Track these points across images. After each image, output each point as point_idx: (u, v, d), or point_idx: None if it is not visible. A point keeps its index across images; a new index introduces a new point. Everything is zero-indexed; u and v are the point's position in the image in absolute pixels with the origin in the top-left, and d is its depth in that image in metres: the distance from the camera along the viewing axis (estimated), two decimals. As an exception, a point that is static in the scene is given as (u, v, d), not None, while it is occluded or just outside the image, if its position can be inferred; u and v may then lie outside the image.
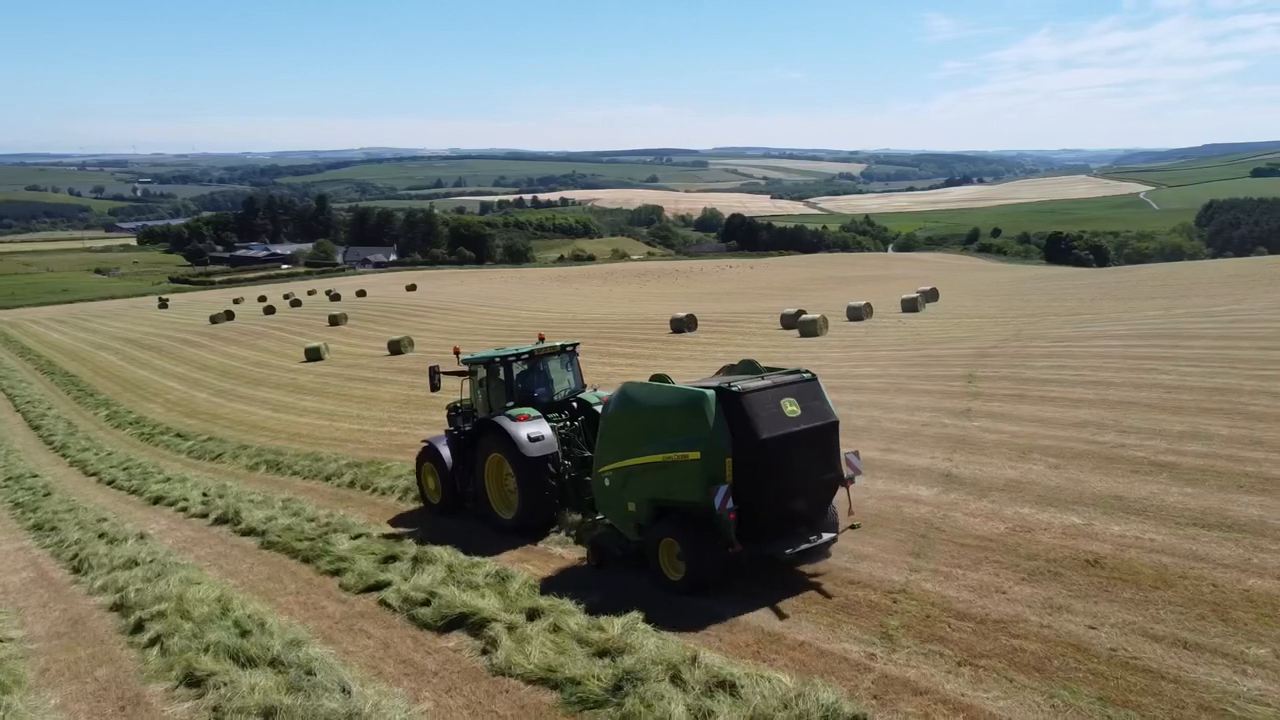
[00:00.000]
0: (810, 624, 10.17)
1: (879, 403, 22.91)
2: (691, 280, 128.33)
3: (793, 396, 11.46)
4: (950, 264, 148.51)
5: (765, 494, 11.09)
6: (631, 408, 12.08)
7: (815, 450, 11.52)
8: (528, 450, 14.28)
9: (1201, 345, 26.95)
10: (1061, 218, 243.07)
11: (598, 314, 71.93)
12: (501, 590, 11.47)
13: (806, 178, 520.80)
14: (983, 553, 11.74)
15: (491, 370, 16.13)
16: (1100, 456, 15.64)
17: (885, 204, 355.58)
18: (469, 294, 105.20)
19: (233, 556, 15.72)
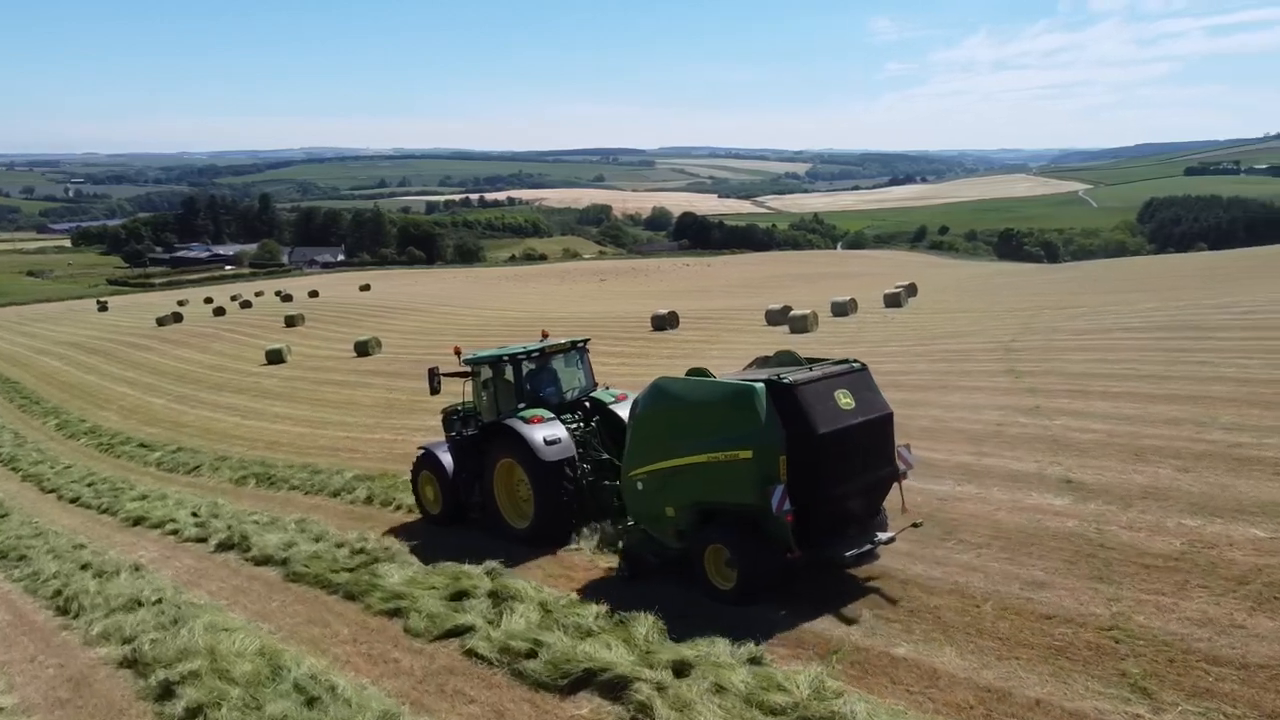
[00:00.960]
0: (1029, 673, 8.31)
1: (931, 400, 21.32)
2: (652, 278, 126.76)
3: (846, 388, 10.73)
4: (904, 260, 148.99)
5: (822, 493, 10.32)
6: (668, 405, 11.13)
7: (871, 444, 10.82)
8: (544, 454, 13.24)
9: (1233, 337, 25.97)
10: (1005, 215, 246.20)
11: (569, 312, 69.86)
12: (626, 637, 9.37)
13: (753, 177, 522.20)
14: (1177, 575, 10.02)
15: (498, 370, 14.98)
16: (1225, 458, 14.14)
17: (832, 203, 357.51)
18: (426, 294, 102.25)
19: (255, 593, 13.33)
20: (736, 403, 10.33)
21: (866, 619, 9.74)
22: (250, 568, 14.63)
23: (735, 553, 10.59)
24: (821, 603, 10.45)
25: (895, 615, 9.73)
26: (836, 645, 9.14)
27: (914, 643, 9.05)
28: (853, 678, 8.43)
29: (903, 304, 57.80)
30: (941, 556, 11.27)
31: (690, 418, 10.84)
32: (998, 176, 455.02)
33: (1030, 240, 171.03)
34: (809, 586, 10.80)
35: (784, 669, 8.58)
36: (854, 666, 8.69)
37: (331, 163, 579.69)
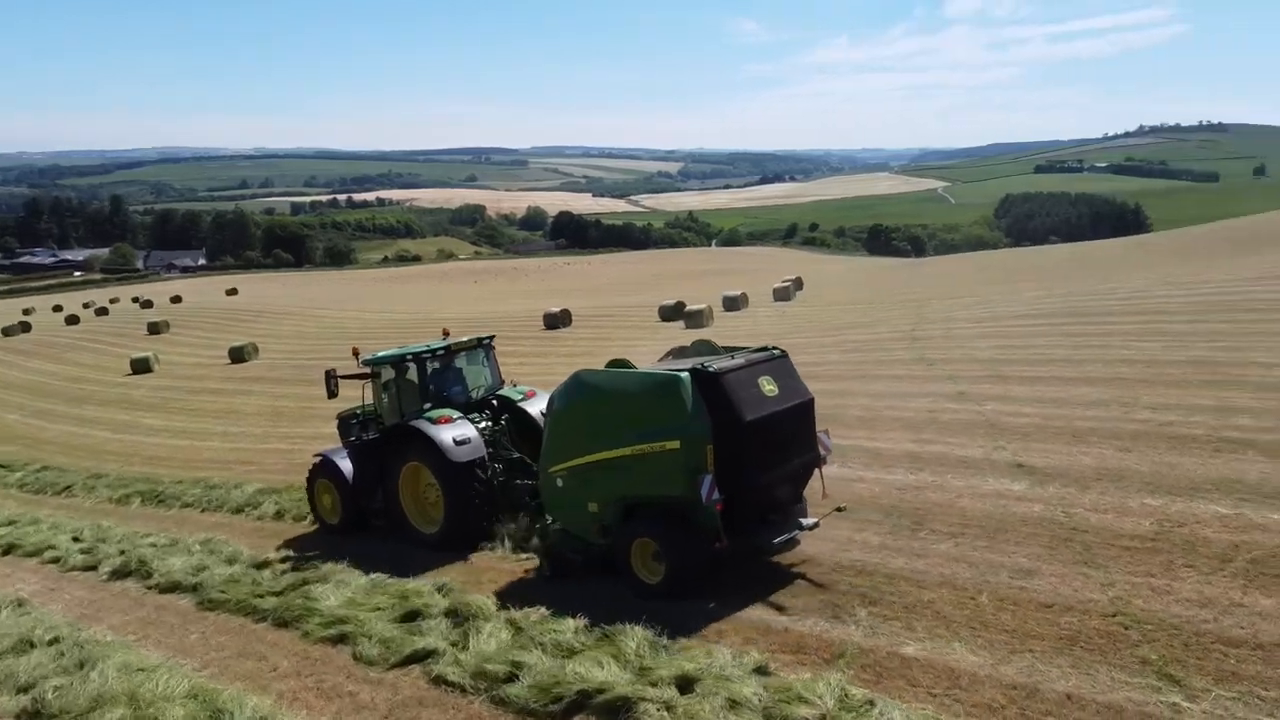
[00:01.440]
0: (1049, 666, 7.91)
1: (856, 390, 21.22)
2: (533, 278, 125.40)
3: (769, 375, 10.67)
4: (780, 256, 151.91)
5: (749, 481, 10.17)
6: (589, 398, 10.89)
7: (795, 431, 10.81)
8: (454, 455, 12.80)
9: (1123, 321, 26.97)
10: (870, 212, 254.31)
11: (455, 313, 68.00)
12: (615, 653, 8.51)
13: (626, 176, 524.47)
14: (1160, 556, 9.89)
15: (400, 370, 14.45)
16: (1161, 436, 14.35)
17: (705, 201, 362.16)
18: (299, 297, 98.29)
19: (167, 625, 11.79)
20: (662, 393, 10.12)
21: (861, 616, 9.23)
22: (155, 596, 13.06)
23: (663, 545, 10.34)
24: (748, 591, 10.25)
25: (892, 612, 9.24)
26: (840, 649, 8.58)
27: (920, 641, 8.58)
28: (867, 682, 7.87)
29: (792, 297, 58.57)
30: (919, 548, 10.91)
31: (613, 410, 10.59)
32: (862, 175, 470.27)
33: (898, 236, 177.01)
34: (734, 576, 10.61)
35: (796, 677, 7.95)
36: (865, 670, 8.13)
37: (188, 163, 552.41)
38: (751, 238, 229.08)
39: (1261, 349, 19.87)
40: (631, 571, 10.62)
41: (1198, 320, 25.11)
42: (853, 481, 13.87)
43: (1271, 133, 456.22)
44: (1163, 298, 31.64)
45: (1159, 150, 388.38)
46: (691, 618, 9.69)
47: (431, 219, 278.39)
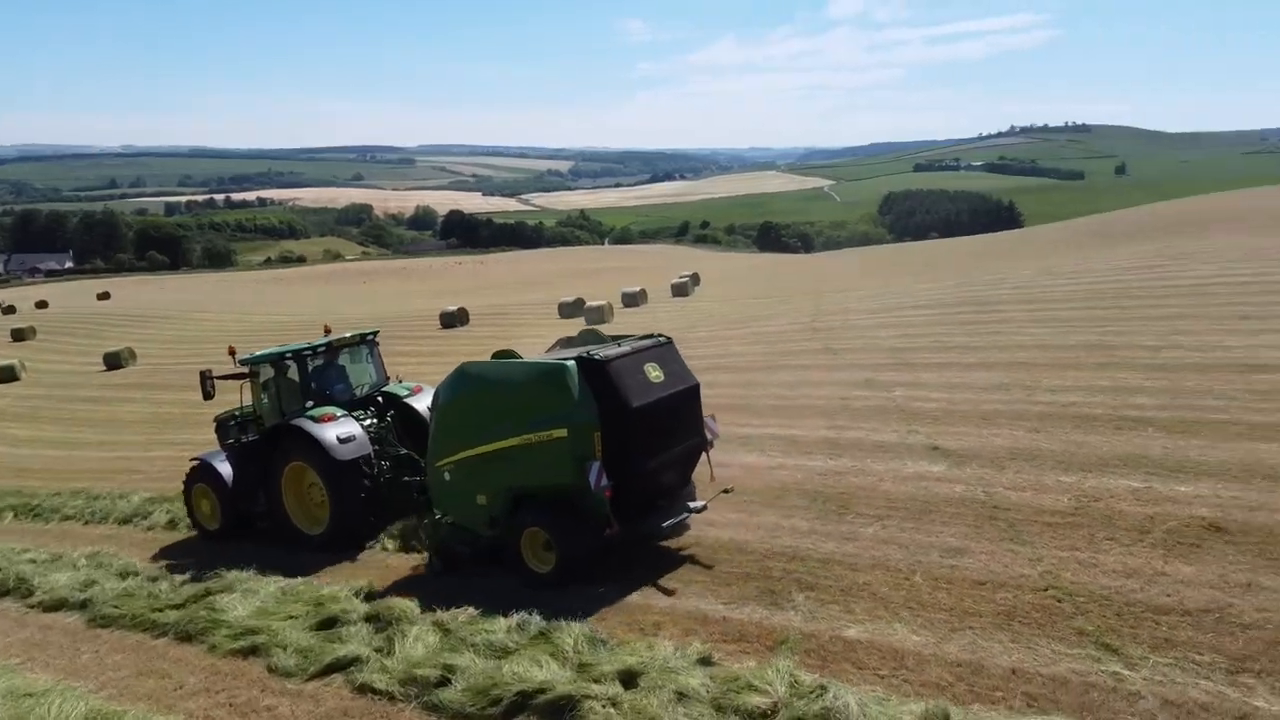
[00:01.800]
0: (990, 642, 7.93)
1: (765, 380, 21.30)
2: (425, 278, 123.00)
3: (654, 362, 10.83)
4: (672, 254, 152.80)
5: (637, 466, 10.31)
6: (475, 390, 10.86)
7: (681, 416, 11.00)
8: (338, 454, 12.63)
9: (1014, 309, 27.85)
10: (759, 210, 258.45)
11: (346, 314, 66.06)
12: (553, 650, 8.17)
13: (516, 175, 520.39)
14: (1081, 530, 10.09)
15: (280, 369, 14.15)
16: (1065, 417, 14.77)
17: (596, 200, 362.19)
18: (178, 300, 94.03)
19: (55, 645, 10.85)
20: (548, 382, 10.19)
21: (799, 601, 9.12)
22: (39, 615, 12.04)
23: (553, 534, 10.37)
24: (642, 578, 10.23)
25: (830, 596, 9.17)
26: (782, 635, 8.44)
27: (861, 623, 8.51)
28: (813, 667, 7.75)
29: (690, 293, 58.93)
30: (848, 531, 10.89)
31: (500, 401, 10.58)
32: (750, 173, 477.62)
33: (788, 232, 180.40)
34: (625, 562, 10.66)
35: (742, 666, 7.77)
36: (810, 655, 8.01)
37: (50, 161, 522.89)
38: (644, 236, 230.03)
39: (1147, 333, 20.71)
40: (522, 562, 10.62)
41: (1083, 307, 26.08)
42: (773, 469, 13.86)
43: (1131, 133, 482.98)
44: (1048, 287, 32.82)
45: (1029, 150, 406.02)
46: (627, 611, 9.45)
47: (316, 219, 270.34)
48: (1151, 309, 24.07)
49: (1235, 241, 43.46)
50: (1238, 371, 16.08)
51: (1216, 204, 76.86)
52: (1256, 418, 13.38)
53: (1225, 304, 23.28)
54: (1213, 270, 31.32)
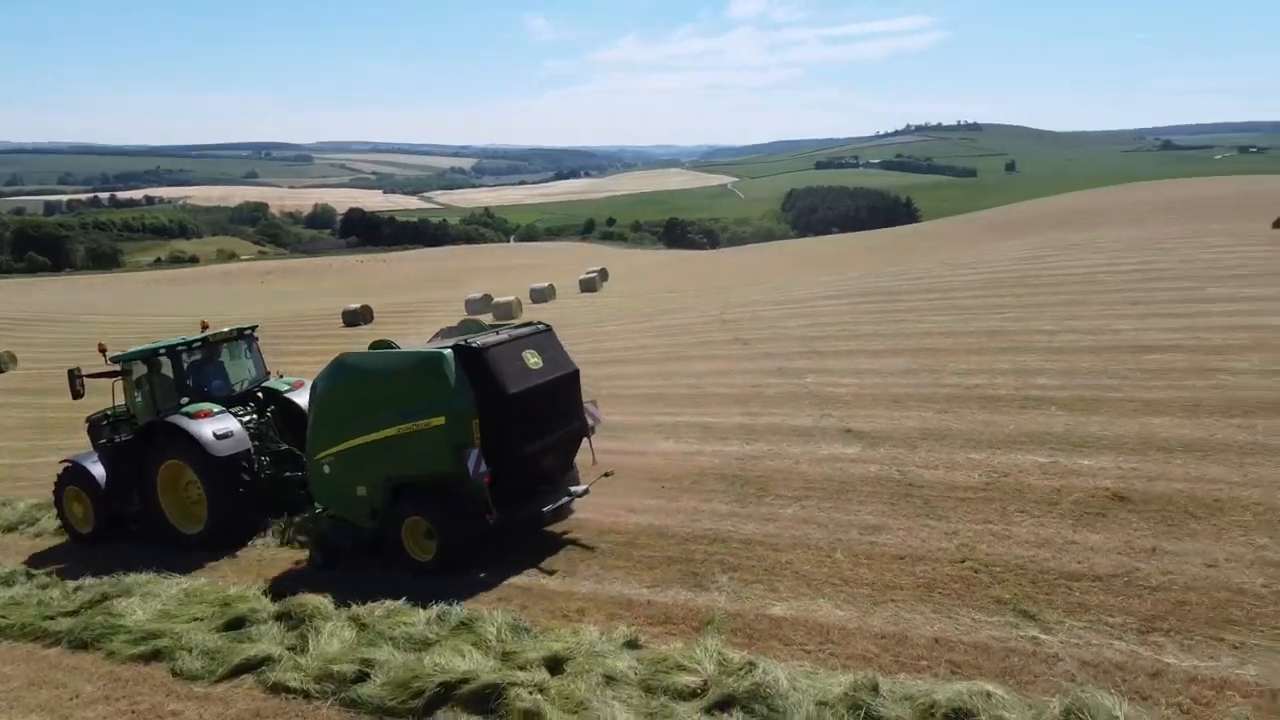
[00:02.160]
0: (912, 613, 8.00)
1: (678, 370, 21.40)
2: (326, 276, 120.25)
3: (532, 349, 10.91)
4: (578, 250, 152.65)
5: (516, 452, 10.37)
6: (352, 380, 10.75)
7: (560, 402, 11.11)
8: (215, 450, 12.41)
9: (917, 298, 28.58)
10: (664, 207, 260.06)
11: (243, 314, 64.02)
12: (475, 640, 7.93)
13: (419, 172, 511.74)
14: (993, 504, 10.33)
15: (153, 366, 13.75)
16: (971, 398, 15.16)
17: (500, 197, 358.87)
18: (61, 303, 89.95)
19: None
20: (425, 371, 10.15)
21: (723, 582, 9.09)
22: None
23: (434, 523, 10.36)
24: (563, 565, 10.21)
25: (754, 576, 9.16)
26: (708, 615, 8.39)
27: (786, 601, 8.53)
28: (740, 645, 7.71)
29: (598, 288, 58.92)
30: (768, 513, 10.93)
31: (377, 391, 10.50)
32: (655, 171, 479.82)
33: (693, 229, 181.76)
34: (543, 549, 10.71)
35: (670, 648, 7.69)
36: (737, 634, 7.97)
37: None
38: (550, 233, 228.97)
39: (1043, 319, 21.42)
40: (404, 551, 10.58)
41: (982, 296, 26.87)
42: (691, 455, 13.87)
43: (1020, 132, 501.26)
44: (948, 277, 33.73)
45: (924, 148, 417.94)
46: (550, 599, 9.29)
47: (209, 218, 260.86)
48: (1047, 296, 24.92)
49: (1119, 233, 45.44)
50: (1129, 352, 16.75)
51: (1100, 198, 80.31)
52: (1148, 395, 13.95)
53: (1115, 291, 24.25)
54: (1101, 260, 32.63)
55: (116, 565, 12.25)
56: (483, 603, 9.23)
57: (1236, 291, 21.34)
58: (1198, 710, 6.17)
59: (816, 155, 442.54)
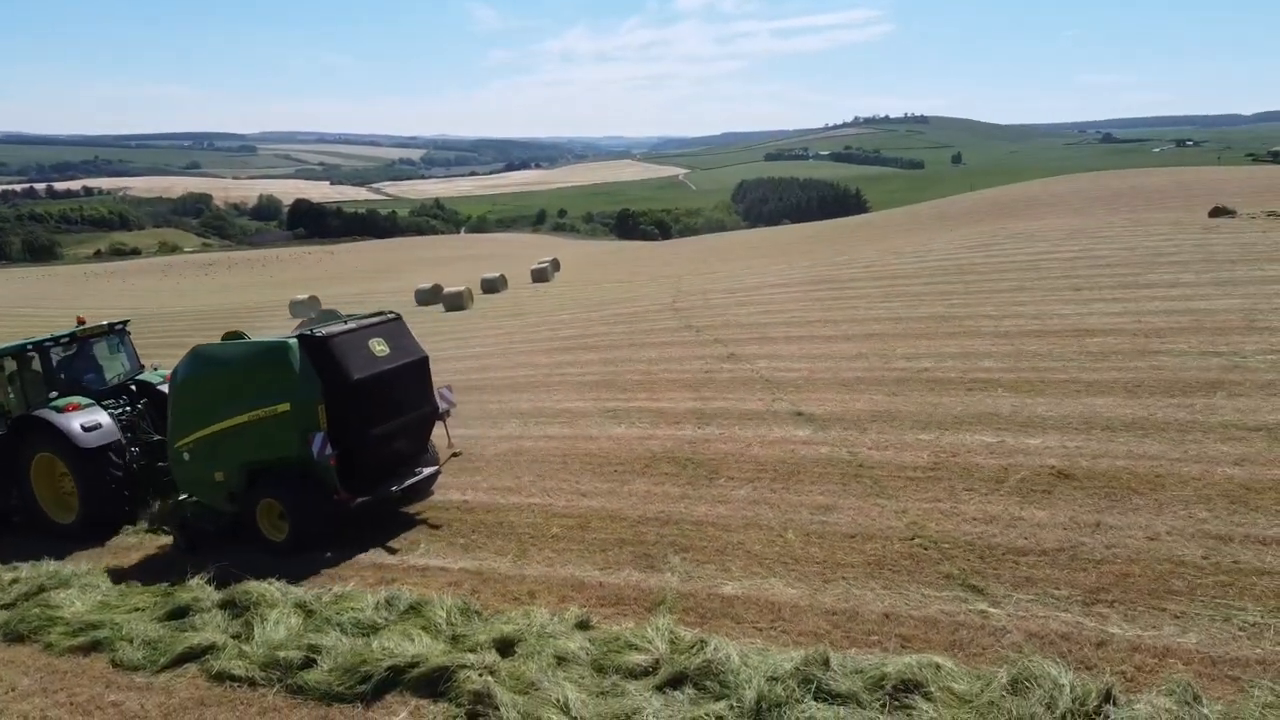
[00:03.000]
0: (863, 590, 8.05)
1: (630, 358, 21.33)
2: (273, 268, 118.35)
3: (380, 337, 11.35)
4: (530, 242, 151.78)
5: (363, 435, 10.88)
6: (206, 370, 11.28)
7: (409, 387, 11.56)
8: (83, 442, 12.78)
9: (865, 286, 28.84)
10: (616, 198, 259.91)
11: (189, 306, 62.98)
12: (424, 624, 7.78)
13: (366, 163, 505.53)
14: (941, 483, 10.44)
15: (23, 362, 14.09)
16: (919, 381, 15.33)
17: (450, 189, 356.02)
18: None
19: None
20: (270, 359, 10.67)
21: (675, 563, 9.07)
22: None
23: (285, 504, 10.86)
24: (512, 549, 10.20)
25: (705, 556, 9.16)
26: (660, 596, 8.36)
27: (737, 580, 8.53)
28: (692, 624, 7.70)
29: (550, 278, 58.59)
30: (719, 495, 10.94)
31: (229, 380, 11.02)
32: (606, 162, 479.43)
33: (645, 219, 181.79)
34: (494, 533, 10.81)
35: (621, 628, 7.65)
36: (689, 614, 7.95)
37: None
38: (500, 224, 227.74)
39: (989, 304, 21.74)
40: (260, 533, 11.08)
41: (929, 283, 27.17)
42: (643, 439, 13.84)
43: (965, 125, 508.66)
44: (896, 266, 34.09)
45: (872, 140, 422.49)
46: (500, 582, 9.20)
47: (149, 209, 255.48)
48: (992, 283, 25.29)
49: (1062, 222, 46.24)
50: (1072, 336, 17.05)
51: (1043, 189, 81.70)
52: (1091, 376, 14.21)
53: (1058, 277, 24.66)
54: (1044, 248, 33.17)
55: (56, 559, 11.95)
56: (433, 587, 9.12)
57: (1175, 277, 21.82)
58: (1141, 678, 6.26)
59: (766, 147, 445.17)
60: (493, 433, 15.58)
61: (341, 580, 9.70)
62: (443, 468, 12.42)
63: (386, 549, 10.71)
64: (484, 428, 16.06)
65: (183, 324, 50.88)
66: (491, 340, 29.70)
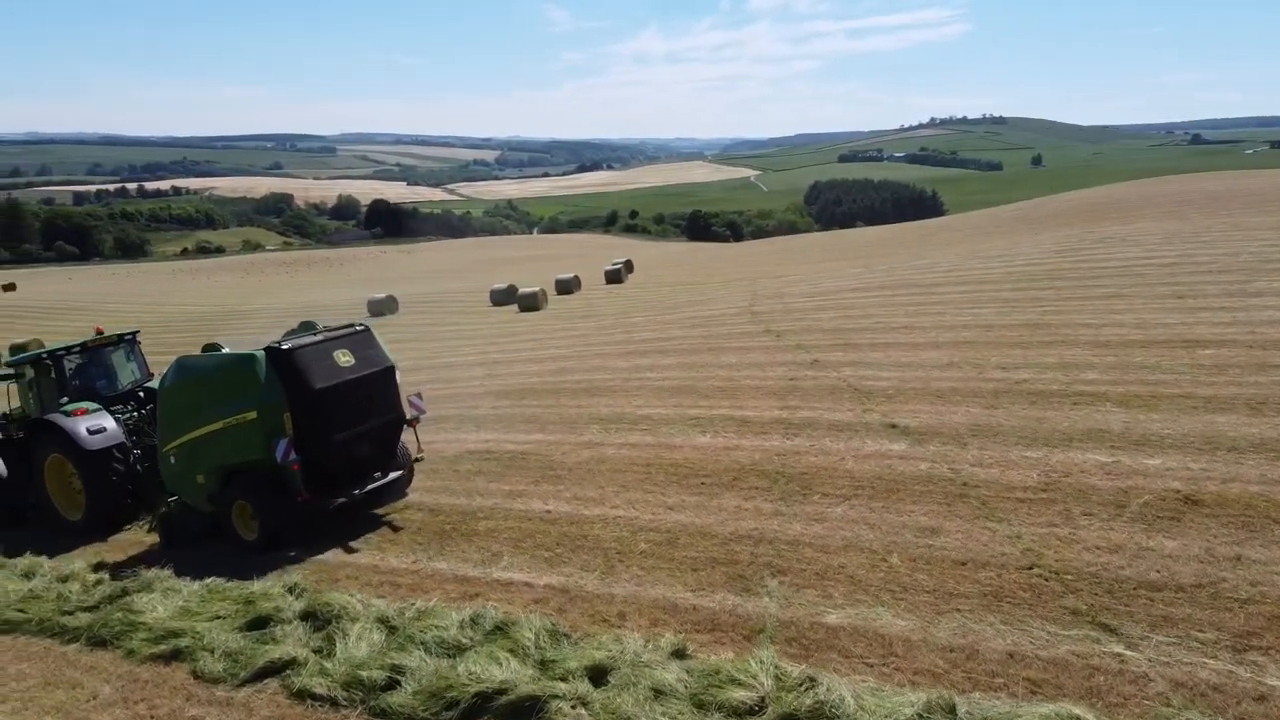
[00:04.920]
0: (980, 624, 7.44)
1: (710, 362, 20.81)
2: (350, 267, 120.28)
3: (346, 348, 11.96)
4: (602, 243, 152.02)
5: (328, 442, 11.48)
6: (186, 379, 12.06)
7: (373, 395, 12.08)
8: (88, 444, 13.76)
9: (950, 291, 27.86)
10: (687, 199, 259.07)
11: (268, 303, 64.10)
12: (512, 646, 7.41)
13: (441, 164, 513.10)
14: (1055, 506, 9.73)
15: (41, 369, 15.20)
16: (1019, 393, 14.53)
17: (524, 189, 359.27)
18: (89, 292, 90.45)
19: None
20: (238, 370, 11.42)
21: (772, 587, 8.56)
22: None
23: (255, 505, 11.61)
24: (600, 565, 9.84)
25: (804, 580, 8.62)
26: (759, 623, 7.86)
27: (841, 609, 7.97)
28: (796, 657, 7.19)
29: (623, 279, 58.28)
30: (814, 512, 10.37)
31: (205, 389, 11.77)
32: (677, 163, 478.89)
33: (716, 221, 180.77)
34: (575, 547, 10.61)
35: (720, 658, 7.16)
36: (791, 644, 7.44)
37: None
38: (572, 225, 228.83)
39: (1085, 312, 20.73)
40: (234, 531, 11.87)
41: (1018, 289, 26.15)
42: (729, 450, 13.34)
43: (1044, 126, 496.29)
44: (981, 270, 32.98)
45: (948, 141, 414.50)
46: (588, 601, 8.76)
47: (234, 209, 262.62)
48: (1085, 289, 24.21)
49: (1153, 226, 44.39)
50: (1181, 347, 16.07)
51: (1131, 191, 78.85)
52: (1208, 390, 13.30)
53: (1157, 284, 23.49)
54: (1138, 253, 31.78)
55: (139, 559, 11.96)
56: (518, 604, 8.75)
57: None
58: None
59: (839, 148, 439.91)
60: (572, 438, 15.23)
61: (423, 593, 9.37)
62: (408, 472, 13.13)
63: (469, 560, 10.37)
64: (563, 433, 15.73)
65: (263, 322, 51.77)
66: (566, 342, 29.44)
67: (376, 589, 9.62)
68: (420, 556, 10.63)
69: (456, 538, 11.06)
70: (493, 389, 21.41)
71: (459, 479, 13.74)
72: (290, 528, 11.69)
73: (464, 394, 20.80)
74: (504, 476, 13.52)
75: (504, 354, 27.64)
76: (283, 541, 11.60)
